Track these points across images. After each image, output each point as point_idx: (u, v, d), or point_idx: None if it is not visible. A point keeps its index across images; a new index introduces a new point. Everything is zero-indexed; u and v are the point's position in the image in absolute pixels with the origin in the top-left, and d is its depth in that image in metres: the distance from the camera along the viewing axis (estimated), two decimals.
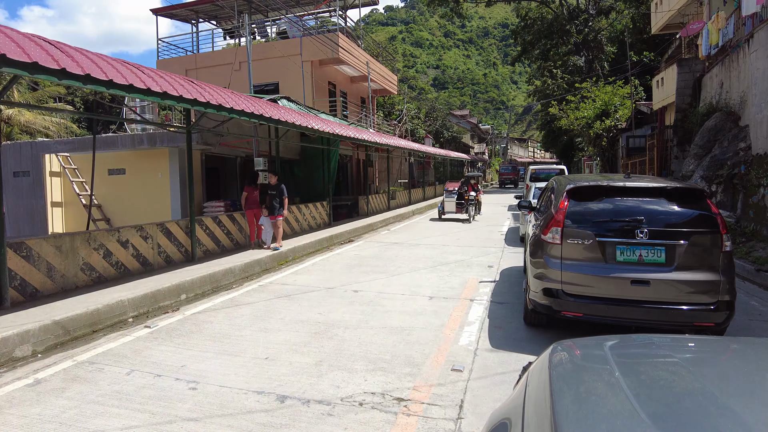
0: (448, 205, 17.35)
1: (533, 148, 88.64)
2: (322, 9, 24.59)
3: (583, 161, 35.11)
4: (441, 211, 17.78)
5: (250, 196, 10.22)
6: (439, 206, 17.92)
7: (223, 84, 12.99)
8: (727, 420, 1.20)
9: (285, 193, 10.08)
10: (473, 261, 9.53)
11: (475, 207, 17.34)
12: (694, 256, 4.43)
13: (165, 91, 6.50)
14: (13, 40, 4.73)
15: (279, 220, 10.04)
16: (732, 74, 12.84)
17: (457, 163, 44.69)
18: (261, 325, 5.72)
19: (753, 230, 9.86)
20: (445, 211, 17.53)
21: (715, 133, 12.92)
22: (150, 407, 3.68)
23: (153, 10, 23.52)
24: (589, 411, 1.31)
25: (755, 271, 7.66)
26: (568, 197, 4.90)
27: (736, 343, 1.98)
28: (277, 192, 9.95)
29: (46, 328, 5.07)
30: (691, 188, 4.71)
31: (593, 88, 25.80)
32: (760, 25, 10.69)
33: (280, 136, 12.48)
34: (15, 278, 5.94)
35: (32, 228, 13.57)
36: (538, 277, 4.93)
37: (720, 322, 4.39)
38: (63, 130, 25.12)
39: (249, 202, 10.20)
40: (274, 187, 9.98)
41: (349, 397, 3.79)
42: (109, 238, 7.33)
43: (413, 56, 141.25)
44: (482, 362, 4.49)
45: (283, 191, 10.03)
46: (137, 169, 12.89)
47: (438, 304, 6.47)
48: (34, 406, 3.75)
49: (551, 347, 1.78)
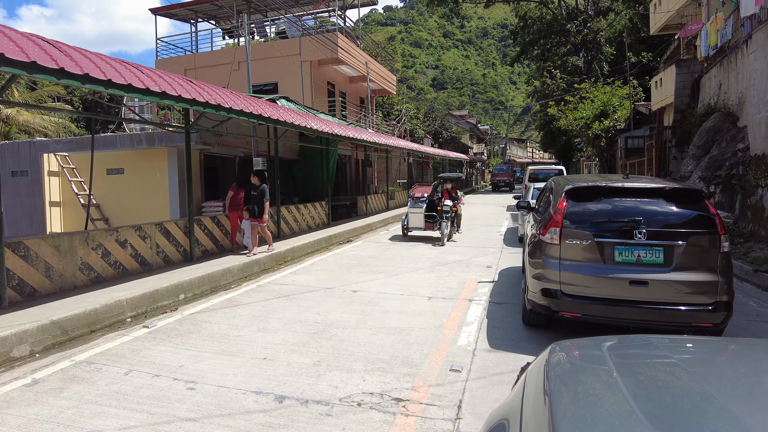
0: (414, 219, 12.49)
1: (532, 148, 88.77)
2: (321, 9, 24.58)
3: (582, 162, 35.14)
4: (405, 227, 13.03)
5: (236, 196, 9.69)
6: (403, 219, 13.13)
7: (222, 84, 12.98)
8: (725, 421, 1.20)
9: (267, 195, 9.34)
10: (472, 261, 9.53)
11: (453, 222, 12.55)
12: (693, 257, 4.43)
13: (164, 90, 6.49)
14: (11, 40, 4.72)
15: (257, 225, 9.38)
16: (730, 75, 12.86)
17: (456, 164, 44.68)
18: (259, 325, 5.71)
19: (751, 231, 9.88)
20: (410, 227, 12.69)
21: (714, 133, 12.95)
22: (148, 407, 3.67)
23: (152, 10, 23.51)
24: (587, 411, 1.31)
25: (753, 272, 7.67)
26: (566, 198, 4.91)
27: (734, 343, 1.99)
28: (258, 194, 9.29)
29: (44, 328, 5.06)
30: (690, 189, 4.72)
31: (592, 89, 25.83)
32: (759, 27, 10.71)
33: (279, 136, 12.47)
34: (13, 278, 5.92)
35: (30, 228, 13.54)
36: (537, 277, 4.94)
37: (718, 323, 4.40)
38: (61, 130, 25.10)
39: (233, 203, 9.71)
40: (255, 188, 9.38)
41: (348, 398, 3.79)
42: (107, 238, 7.32)
43: (412, 56, 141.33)
44: (481, 362, 4.50)
45: (264, 193, 9.30)
46: (136, 169, 12.87)
47: (437, 305, 6.47)
48: (31, 406, 3.74)
49: (549, 348, 1.78)
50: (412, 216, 12.44)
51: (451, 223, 12.27)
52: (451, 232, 12.43)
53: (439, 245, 11.48)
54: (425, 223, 12.35)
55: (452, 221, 12.32)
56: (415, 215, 12.37)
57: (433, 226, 12.34)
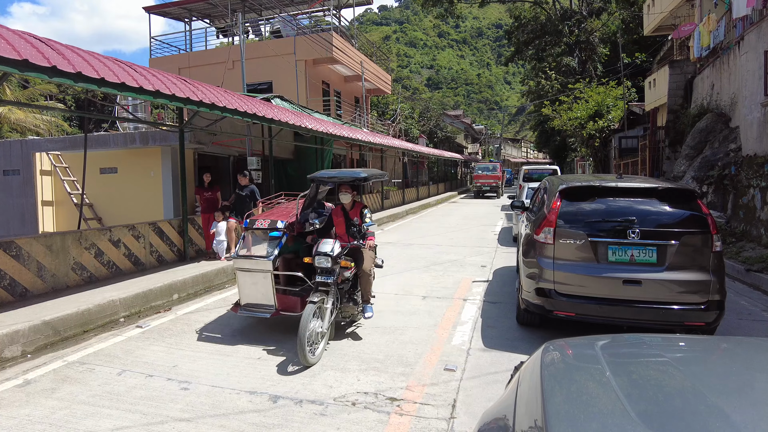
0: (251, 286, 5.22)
1: (526, 148, 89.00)
2: (316, 8, 24.53)
3: (576, 162, 35.29)
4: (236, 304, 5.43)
5: (202, 197, 9.27)
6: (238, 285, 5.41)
7: (216, 83, 12.92)
8: (716, 419, 1.21)
9: (258, 196, 8.80)
10: (466, 261, 9.55)
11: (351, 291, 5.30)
12: (685, 256, 4.47)
13: (157, 89, 6.46)
14: (2, 37, 4.68)
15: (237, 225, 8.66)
16: (723, 76, 12.95)
17: (451, 163, 44.73)
18: None
19: (743, 230, 9.96)
20: (244, 303, 5.32)
21: (706, 134, 13.04)
22: (141, 407, 3.65)
23: (146, 8, 23.38)
24: (579, 410, 1.32)
25: (745, 271, 7.74)
26: (560, 197, 4.93)
27: (725, 342, 2.00)
28: (248, 195, 8.82)
29: (36, 329, 5.02)
30: (683, 189, 4.75)
31: (586, 89, 25.94)
32: (751, 28, 10.80)
33: (273, 135, 12.43)
34: (4, 278, 5.87)
35: (22, 227, 13.43)
36: (531, 276, 4.96)
37: (710, 322, 4.43)
38: (54, 129, 24.89)
39: (205, 206, 9.29)
40: (242, 188, 8.93)
41: (342, 397, 3.79)
42: (100, 238, 7.27)
43: (407, 56, 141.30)
44: (475, 362, 4.51)
45: (255, 194, 8.82)
46: (129, 168, 12.79)
47: (431, 304, 6.48)
48: (23, 407, 3.71)
49: (543, 347, 1.79)
50: (244, 280, 5.25)
51: (347, 296, 5.21)
52: (351, 314, 5.26)
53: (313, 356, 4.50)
54: (279, 295, 5.24)
55: (349, 292, 5.25)
56: (253, 278, 5.18)
57: (297, 304, 5.23)
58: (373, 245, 5.30)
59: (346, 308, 5.15)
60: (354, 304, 5.20)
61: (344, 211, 5.39)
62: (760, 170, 9.58)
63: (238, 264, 5.20)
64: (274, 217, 5.38)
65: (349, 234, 5.24)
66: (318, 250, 4.73)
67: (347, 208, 5.38)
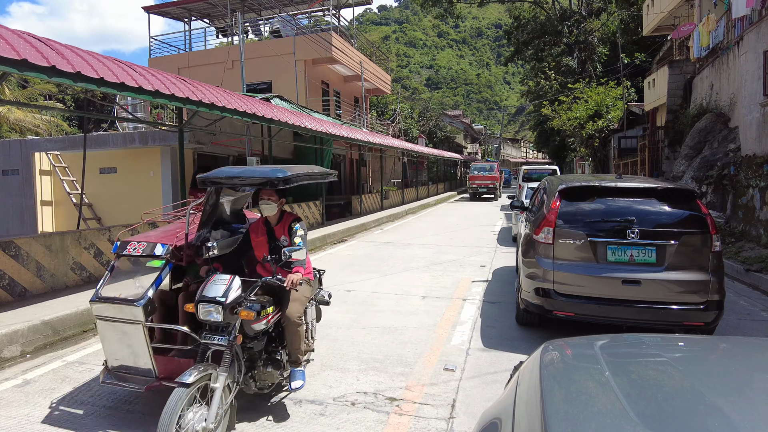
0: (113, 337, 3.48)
1: (526, 148, 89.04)
2: (316, 8, 24.54)
3: (576, 162, 35.30)
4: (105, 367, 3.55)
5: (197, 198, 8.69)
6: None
7: (215, 83, 12.92)
8: (715, 419, 1.21)
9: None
10: (466, 261, 9.55)
11: (269, 353, 3.57)
12: (685, 256, 4.47)
13: (157, 89, 6.46)
14: (1, 37, 4.67)
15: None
16: (722, 76, 12.96)
17: (451, 163, 44.73)
18: None
19: (742, 230, 9.97)
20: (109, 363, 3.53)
21: (706, 134, 13.05)
22: (139, 408, 3.65)
23: (145, 8, 23.37)
24: (579, 410, 1.32)
25: (744, 271, 7.74)
26: (560, 197, 4.93)
27: (725, 342, 2.00)
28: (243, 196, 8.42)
29: (35, 329, 5.01)
30: (682, 189, 4.76)
31: (586, 89, 25.95)
32: (750, 28, 10.80)
33: (272, 135, 12.44)
34: (3, 278, 5.87)
35: (22, 227, 13.42)
36: (530, 276, 4.96)
37: (709, 322, 4.44)
38: (53, 129, 24.87)
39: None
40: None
41: (342, 397, 3.79)
42: (99, 238, 7.27)
43: (407, 56, 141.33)
44: (474, 362, 4.51)
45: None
46: (129, 168, 12.79)
47: (431, 304, 6.48)
48: (22, 407, 3.71)
49: (542, 347, 1.79)
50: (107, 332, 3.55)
51: (265, 357, 3.56)
52: (270, 382, 3.58)
53: None
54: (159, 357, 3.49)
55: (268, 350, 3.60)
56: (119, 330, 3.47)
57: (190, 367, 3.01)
58: (299, 280, 3.43)
59: (263, 374, 3.46)
60: (275, 368, 3.48)
61: (268, 226, 3.83)
62: (759, 170, 9.59)
63: (98, 311, 3.49)
64: (154, 240, 3.71)
65: (273, 261, 3.50)
66: (202, 294, 3.09)
67: (272, 223, 3.82)
